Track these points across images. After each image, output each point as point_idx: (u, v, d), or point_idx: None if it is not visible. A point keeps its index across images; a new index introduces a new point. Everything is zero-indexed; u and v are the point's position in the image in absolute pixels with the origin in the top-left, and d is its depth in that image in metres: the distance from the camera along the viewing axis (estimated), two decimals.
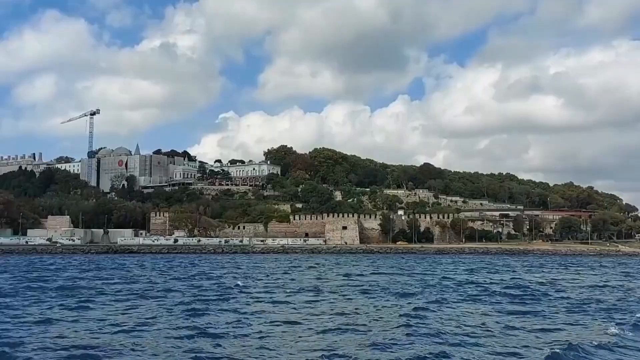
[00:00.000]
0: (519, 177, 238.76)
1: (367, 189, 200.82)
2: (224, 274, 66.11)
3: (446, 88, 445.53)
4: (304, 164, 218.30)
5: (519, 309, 35.76)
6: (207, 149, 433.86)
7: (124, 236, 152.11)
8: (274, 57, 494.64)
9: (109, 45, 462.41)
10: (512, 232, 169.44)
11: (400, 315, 32.17)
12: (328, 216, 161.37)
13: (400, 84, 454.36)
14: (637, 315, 33.08)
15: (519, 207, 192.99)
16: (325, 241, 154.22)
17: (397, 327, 28.56)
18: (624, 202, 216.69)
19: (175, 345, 24.16)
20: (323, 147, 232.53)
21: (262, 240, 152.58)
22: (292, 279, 58.10)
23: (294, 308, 35.73)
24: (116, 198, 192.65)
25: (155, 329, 27.70)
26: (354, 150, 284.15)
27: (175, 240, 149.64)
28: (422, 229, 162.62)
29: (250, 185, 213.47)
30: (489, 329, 28.52)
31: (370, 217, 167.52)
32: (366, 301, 39.52)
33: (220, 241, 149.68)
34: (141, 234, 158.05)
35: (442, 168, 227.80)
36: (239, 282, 52.29)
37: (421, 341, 25.11)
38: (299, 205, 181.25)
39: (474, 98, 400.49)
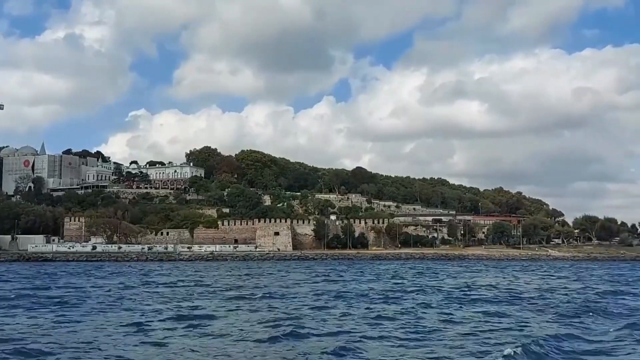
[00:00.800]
0: (450, 182, 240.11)
1: (298, 193, 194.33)
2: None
3: (372, 90, 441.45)
4: (230, 167, 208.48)
5: None
6: (116, 149, 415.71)
7: (35, 243, 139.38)
8: (191, 52, 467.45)
9: (7, 35, 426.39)
10: (446, 237, 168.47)
11: None
12: (259, 221, 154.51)
13: (325, 85, 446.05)
14: None
15: (451, 212, 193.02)
16: (256, 247, 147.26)
17: None
18: (550, 208, 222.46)
19: None
20: (250, 150, 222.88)
21: (188, 247, 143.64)
22: None
23: None
24: (22, 202, 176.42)
25: None
26: (277, 152, 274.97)
27: (94, 247, 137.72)
28: (356, 234, 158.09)
29: (171, 189, 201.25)
30: None
31: (303, 222, 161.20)
32: None
33: (143, 248, 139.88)
34: (54, 240, 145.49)
35: (374, 172, 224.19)
36: None
37: None
38: (226, 210, 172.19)
39: (400, 101, 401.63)
